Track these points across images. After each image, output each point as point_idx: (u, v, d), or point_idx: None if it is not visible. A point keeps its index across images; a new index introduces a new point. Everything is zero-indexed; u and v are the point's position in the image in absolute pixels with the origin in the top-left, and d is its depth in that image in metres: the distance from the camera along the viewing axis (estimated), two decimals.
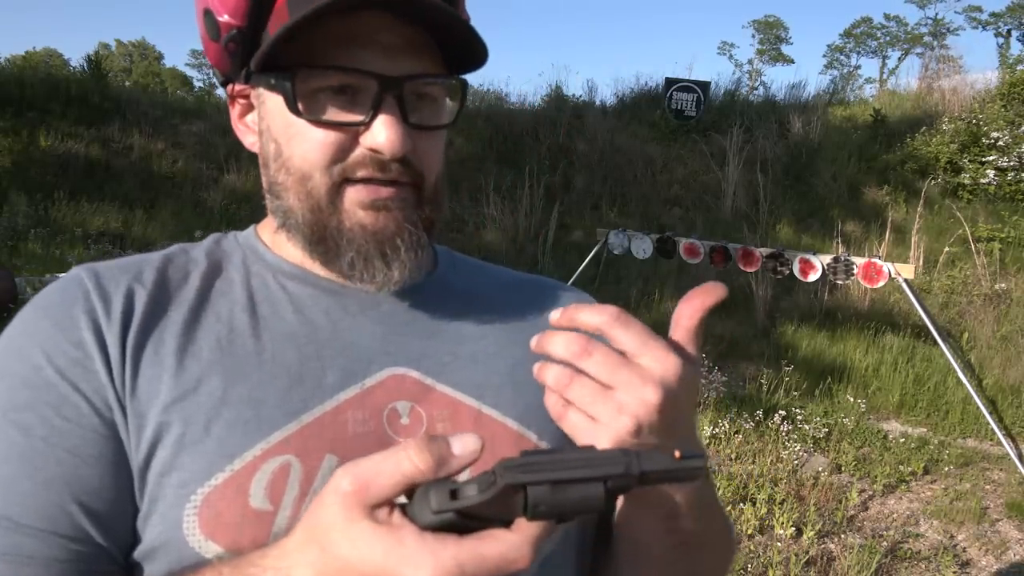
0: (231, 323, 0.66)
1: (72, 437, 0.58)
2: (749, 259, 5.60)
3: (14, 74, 10.45)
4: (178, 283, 0.67)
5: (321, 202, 0.65)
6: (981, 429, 5.37)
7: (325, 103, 0.63)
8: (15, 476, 0.56)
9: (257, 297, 0.68)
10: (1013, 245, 8.23)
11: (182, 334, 0.63)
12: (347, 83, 0.62)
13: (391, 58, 0.62)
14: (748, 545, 3.64)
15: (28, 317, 0.63)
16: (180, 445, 0.59)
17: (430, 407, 0.67)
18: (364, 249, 0.65)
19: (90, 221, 7.90)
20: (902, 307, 7.18)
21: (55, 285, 0.65)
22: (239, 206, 8.64)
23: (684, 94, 10.48)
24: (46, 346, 0.60)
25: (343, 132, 0.63)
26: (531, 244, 8.37)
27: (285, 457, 0.60)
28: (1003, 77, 10.74)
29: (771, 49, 48.30)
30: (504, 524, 0.44)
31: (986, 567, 3.75)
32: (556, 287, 0.83)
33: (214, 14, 0.65)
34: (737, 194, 9.14)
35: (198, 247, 0.73)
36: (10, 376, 0.60)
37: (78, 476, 0.57)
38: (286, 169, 0.66)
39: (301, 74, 0.61)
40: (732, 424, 4.84)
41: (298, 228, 0.67)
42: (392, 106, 0.62)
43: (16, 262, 6.71)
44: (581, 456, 0.43)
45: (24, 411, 0.58)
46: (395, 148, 0.62)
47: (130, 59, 47.68)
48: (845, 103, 12.19)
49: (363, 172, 0.64)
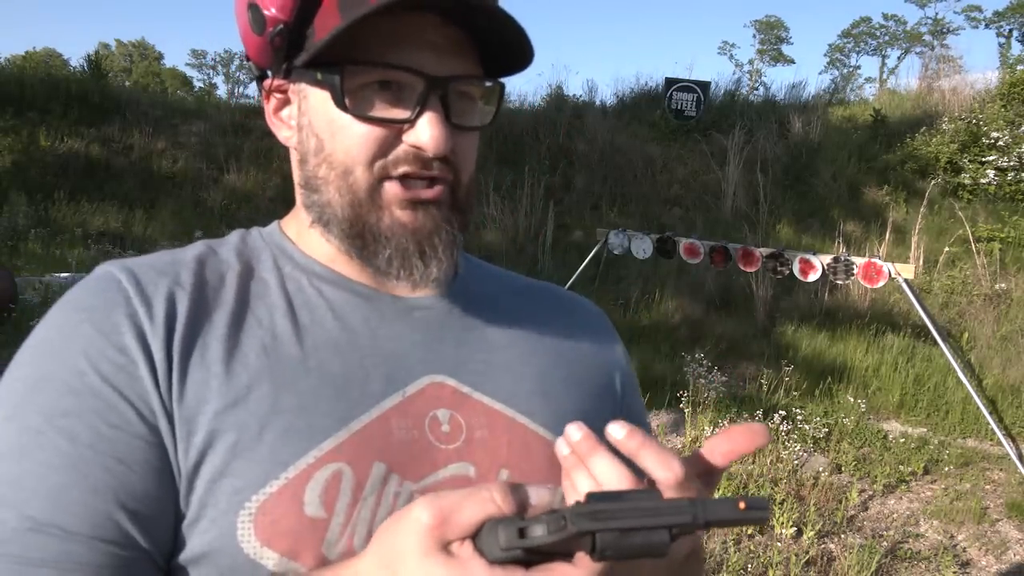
0: (273, 329, 0.66)
1: (118, 444, 0.58)
2: (749, 259, 5.60)
3: (14, 74, 10.46)
4: (215, 285, 0.67)
5: (361, 197, 0.65)
6: (981, 429, 5.37)
7: (371, 99, 0.63)
8: (64, 484, 0.56)
9: (295, 302, 0.68)
10: (1013, 245, 8.23)
11: (227, 339, 0.64)
12: (393, 80, 0.63)
13: (437, 58, 0.63)
14: (748, 545, 3.64)
15: (66, 319, 0.63)
16: (233, 452, 0.60)
17: (468, 415, 0.68)
18: (403, 246, 0.65)
19: (90, 221, 7.90)
20: (902, 307, 7.18)
21: (90, 286, 0.64)
22: (239, 206, 8.65)
23: (684, 94, 10.48)
24: (89, 352, 0.60)
25: (387, 128, 0.64)
26: (531, 244, 8.37)
27: (337, 465, 0.61)
28: (1003, 77, 10.74)
29: (772, 49, 48.31)
30: (566, 557, 0.47)
31: (986, 567, 3.75)
32: (567, 295, 0.86)
33: (260, 8, 0.65)
34: (737, 194, 9.14)
35: (226, 245, 0.72)
36: (53, 381, 0.59)
37: (124, 483, 0.57)
38: (328, 163, 0.66)
39: (349, 70, 0.62)
40: (732, 424, 4.84)
41: (336, 222, 0.67)
42: (436, 105, 0.63)
43: (16, 262, 6.72)
44: (649, 505, 0.45)
45: (70, 418, 0.58)
46: (439, 146, 0.63)
47: (130, 59, 47.69)
48: (845, 103, 12.19)
49: (404, 168, 0.65)
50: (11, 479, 0.56)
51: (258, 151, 9.31)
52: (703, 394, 5.07)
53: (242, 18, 0.69)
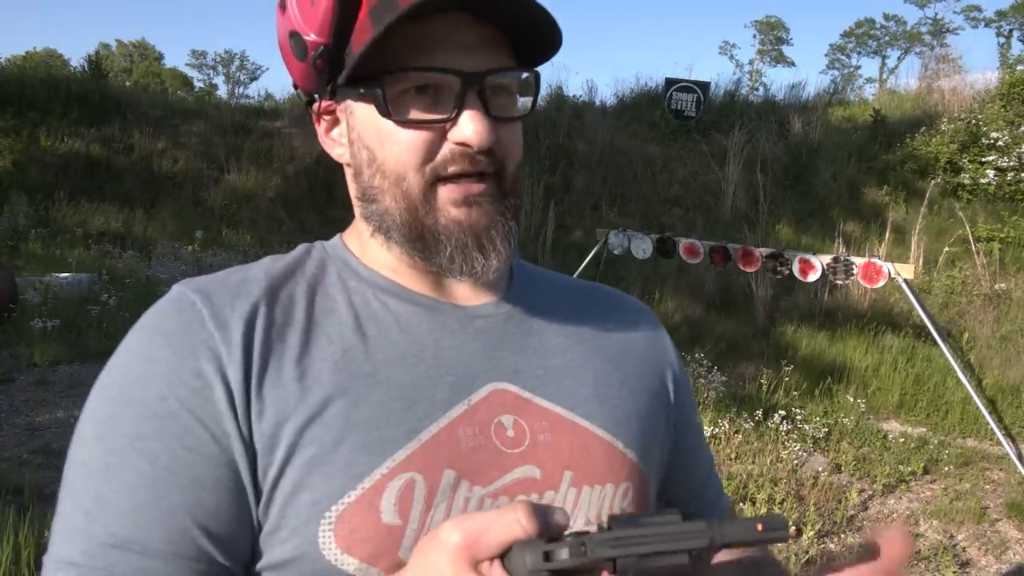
0: (343, 344, 0.68)
1: (194, 466, 0.62)
2: (749, 259, 5.61)
3: (14, 74, 10.47)
4: (286, 304, 0.70)
5: (416, 201, 0.68)
6: (981, 429, 5.37)
7: (411, 104, 0.66)
8: (143, 504, 0.60)
9: (362, 316, 0.71)
10: (1013, 245, 8.23)
11: (300, 357, 0.66)
12: (431, 83, 0.66)
13: (470, 55, 0.65)
14: None
15: (145, 343, 0.66)
16: (311, 466, 0.63)
17: (531, 419, 0.71)
18: (462, 243, 0.68)
19: (90, 221, 7.91)
20: (902, 307, 7.18)
21: (167, 308, 0.68)
22: (239, 206, 8.65)
23: (684, 94, 10.49)
24: (168, 376, 0.63)
25: (431, 131, 0.66)
26: (531, 244, 8.37)
27: (409, 474, 0.64)
28: (1003, 77, 10.74)
29: (772, 50, 48.31)
30: (590, 575, 0.49)
31: (986, 567, 3.76)
32: (614, 294, 0.89)
33: (301, 35, 0.68)
34: (737, 194, 9.14)
35: (293, 263, 0.75)
36: (136, 406, 0.63)
37: (200, 502, 0.61)
38: (381, 173, 0.69)
39: (388, 79, 0.65)
40: (732, 424, 4.84)
41: (396, 228, 0.69)
42: (475, 100, 0.65)
43: (16, 262, 6.72)
44: (668, 531, 0.49)
45: (149, 441, 0.62)
46: (483, 140, 0.65)
47: (130, 59, 47.69)
48: (845, 103, 12.19)
49: (454, 168, 0.67)
50: (97, 496, 0.61)
51: (258, 151, 9.31)
52: (703, 394, 5.07)
53: (285, 48, 0.72)
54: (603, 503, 0.71)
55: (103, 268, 6.98)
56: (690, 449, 0.86)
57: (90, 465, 0.62)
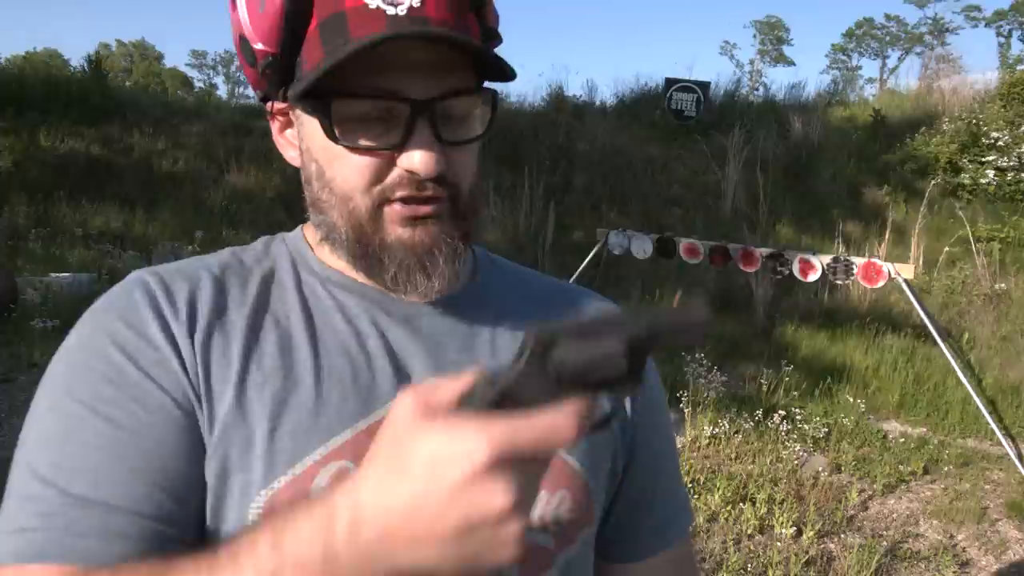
0: (289, 331, 0.69)
1: (156, 429, 0.62)
2: (749, 259, 5.61)
3: (14, 74, 10.47)
4: (237, 287, 0.71)
5: (363, 221, 0.68)
6: (981, 429, 5.37)
7: (361, 128, 0.65)
8: (105, 463, 0.60)
9: (310, 305, 0.72)
10: (1013, 245, 8.23)
11: (245, 338, 0.67)
12: (378, 107, 0.65)
13: (423, 79, 0.64)
14: (748, 545, 3.64)
15: (99, 319, 0.67)
16: (245, 448, 0.63)
17: None
18: (406, 263, 0.68)
19: (90, 221, 7.90)
20: (902, 307, 7.18)
21: (120, 289, 0.69)
22: (239, 206, 8.64)
23: (684, 94, 10.48)
24: (124, 347, 0.64)
25: (379, 156, 0.66)
26: (531, 244, 8.37)
27: (342, 462, 0.64)
28: (1003, 77, 10.74)
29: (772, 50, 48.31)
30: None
31: (986, 567, 3.75)
32: (583, 295, 0.86)
33: (249, 42, 0.68)
34: (737, 194, 9.14)
35: (250, 252, 0.76)
36: (92, 372, 0.63)
37: (164, 465, 0.61)
38: (329, 189, 0.69)
39: (336, 103, 0.64)
40: (732, 424, 4.84)
41: (342, 244, 0.70)
42: (425, 128, 0.64)
43: (16, 262, 6.71)
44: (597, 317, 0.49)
45: (110, 405, 0.62)
46: (430, 169, 0.64)
47: (130, 59, 47.69)
48: (845, 103, 12.19)
49: (401, 192, 0.66)
50: (54, 461, 0.60)
51: (258, 151, 9.30)
52: (703, 394, 5.07)
53: (238, 50, 0.71)
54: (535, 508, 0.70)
55: (103, 268, 6.97)
56: (645, 468, 0.82)
57: (46, 434, 0.62)
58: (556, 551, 0.71)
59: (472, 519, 0.45)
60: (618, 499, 0.81)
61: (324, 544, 0.47)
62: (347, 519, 0.47)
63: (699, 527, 3.73)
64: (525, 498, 0.47)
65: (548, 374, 0.48)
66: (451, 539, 0.45)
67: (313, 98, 0.64)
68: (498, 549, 0.46)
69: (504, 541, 0.46)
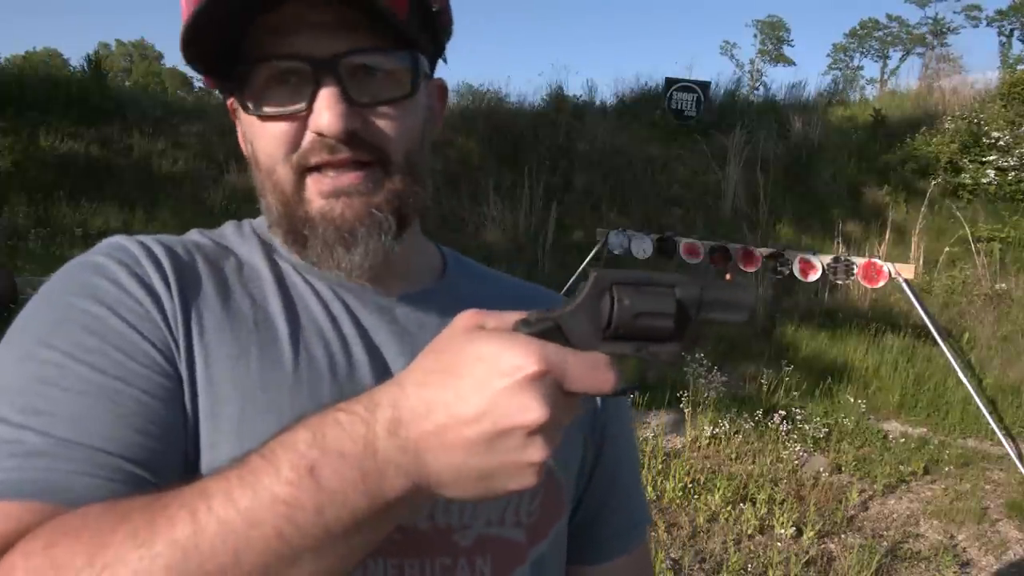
0: (265, 309, 0.67)
1: (146, 381, 0.59)
2: (749, 259, 5.61)
3: (14, 74, 10.46)
4: (213, 263, 0.69)
5: (288, 193, 0.66)
6: (981, 429, 5.37)
7: (271, 96, 0.64)
8: (91, 408, 0.57)
9: (285, 288, 0.70)
10: (1013, 245, 8.23)
11: (219, 311, 0.65)
12: (284, 71, 0.63)
13: (326, 38, 0.62)
14: (748, 545, 3.64)
15: (74, 275, 0.64)
16: (214, 423, 0.61)
17: None
18: (326, 236, 0.66)
19: (90, 221, 7.89)
20: (902, 307, 7.17)
21: (99, 248, 0.67)
22: (239, 206, 8.63)
23: (684, 94, 10.48)
24: (107, 300, 0.62)
25: (292, 121, 0.64)
26: (531, 244, 8.36)
27: None
28: (1004, 77, 10.73)
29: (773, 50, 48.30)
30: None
31: (986, 567, 3.75)
32: (551, 297, 0.86)
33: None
34: (737, 194, 9.14)
35: (220, 235, 0.75)
36: (70, 323, 0.60)
37: (151, 414, 0.58)
38: (257, 166, 0.68)
39: (241, 72, 0.63)
40: (732, 424, 4.84)
41: (275, 221, 0.69)
42: (330, 86, 0.62)
43: (16, 262, 6.71)
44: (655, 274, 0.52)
45: (93, 354, 0.59)
46: (335, 128, 0.62)
47: (130, 59, 47.66)
48: (846, 103, 12.19)
49: (316, 158, 0.64)
50: (29, 405, 0.56)
51: None
52: (703, 394, 5.07)
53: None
54: (508, 504, 0.69)
55: None
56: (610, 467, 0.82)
57: (16, 382, 0.57)
58: (528, 546, 0.70)
59: (503, 427, 0.46)
60: (584, 496, 0.81)
61: (365, 438, 0.47)
62: (388, 415, 0.47)
63: (699, 527, 3.73)
64: (556, 426, 0.47)
65: (599, 318, 0.49)
66: (478, 447, 0.46)
67: (226, 78, 0.64)
68: (518, 470, 0.47)
69: (525, 462, 0.47)
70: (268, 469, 0.47)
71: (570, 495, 0.77)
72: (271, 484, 0.46)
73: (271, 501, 0.46)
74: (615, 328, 0.49)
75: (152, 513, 0.47)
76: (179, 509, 0.47)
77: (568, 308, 0.50)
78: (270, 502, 0.46)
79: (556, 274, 6.98)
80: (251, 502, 0.46)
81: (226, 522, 0.46)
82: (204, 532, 0.46)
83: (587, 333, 0.50)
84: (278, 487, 0.46)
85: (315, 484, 0.46)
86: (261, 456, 0.48)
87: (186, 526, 0.46)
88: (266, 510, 0.46)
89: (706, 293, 0.51)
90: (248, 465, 0.48)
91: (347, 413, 0.48)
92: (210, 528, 0.46)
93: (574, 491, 0.78)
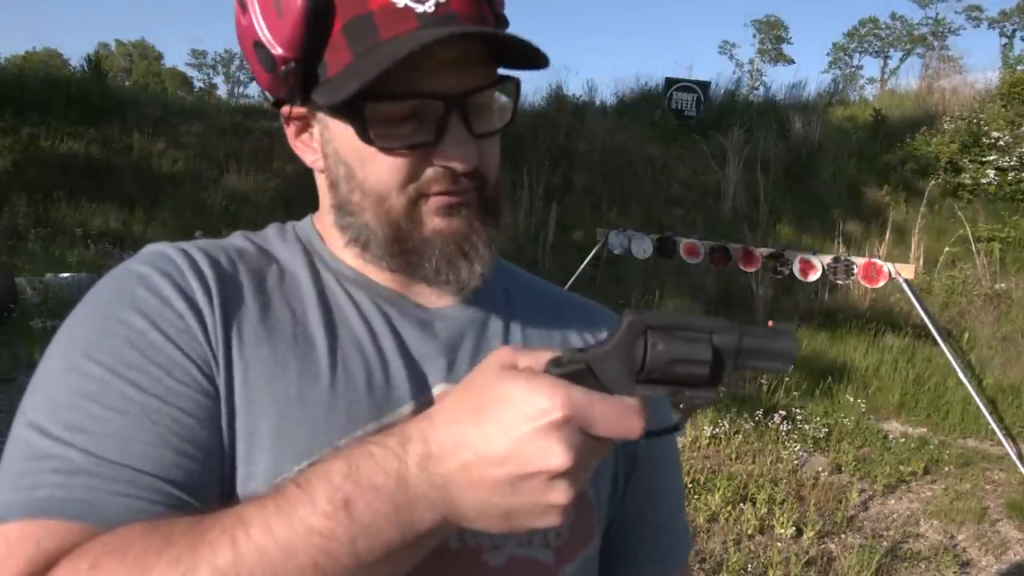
0: (305, 324, 0.68)
1: (185, 399, 0.60)
2: (749, 259, 5.61)
3: (14, 74, 10.46)
4: (254, 274, 0.69)
5: (400, 220, 0.67)
6: (981, 429, 5.37)
7: (393, 128, 0.64)
8: (133, 427, 0.57)
9: (325, 299, 0.70)
10: (1013, 245, 8.23)
11: (259, 324, 0.66)
12: (413, 106, 0.64)
13: (452, 74, 0.63)
14: (748, 545, 3.64)
15: (118, 284, 0.65)
16: (250, 438, 0.61)
17: None
18: (447, 251, 0.68)
19: (90, 221, 7.89)
20: (902, 307, 7.17)
21: (141, 258, 0.67)
22: (239, 206, 8.64)
23: (684, 94, 10.48)
24: (148, 313, 0.62)
25: (414, 151, 0.65)
26: (531, 244, 8.37)
27: None
28: (1004, 77, 10.74)
29: (772, 49, 48.29)
30: None
31: (986, 567, 3.75)
32: (592, 308, 0.85)
33: (267, 47, 0.65)
34: (737, 194, 9.14)
35: (264, 239, 0.75)
36: (113, 335, 0.61)
37: (190, 434, 0.59)
38: (361, 191, 0.67)
39: (369, 106, 0.62)
40: (732, 424, 4.84)
41: (377, 243, 0.69)
42: (458, 123, 0.64)
43: (16, 262, 6.71)
44: (693, 318, 0.51)
45: (134, 370, 0.59)
46: (468, 164, 0.65)
47: (130, 59, 47.67)
48: (846, 103, 12.19)
49: (437, 188, 0.66)
50: (73, 422, 0.57)
51: (258, 151, 9.30)
52: None
53: (251, 56, 0.69)
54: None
55: (103, 268, 6.96)
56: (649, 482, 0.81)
57: (61, 395, 0.58)
58: (556, 567, 0.70)
59: (527, 470, 0.47)
60: (618, 516, 0.79)
61: (397, 472, 0.49)
62: (419, 451, 0.49)
63: (699, 527, 3.73)
64: (580, 470, 0.48)
65: (632, 361, 0.49)
66: (502, 487, 0.48)
67: (343, 103, 0.62)
68: (541, 511, 0.49)
69: (549, 504, 0.48)
70: (304, 499, 0.49)
71: (602, 516, 0.76)
72: (307, 515, 0.48)
73: (307, 532, 0.48)
74: (648, 373, 0.50)
75: (193, 539, 0.49)
76: (220, 534, 0.49)
77: (601, 350, 0.50)
78: (306, 533, 0.48)
79: (556, 274, 6.97)
80: (288, 532, 0.48)
81: (264, 551, 0.48)
82: (244, 560, 0.48)
83: (620, 376, 0.50)
84: (314, 519, 0.48)
85: (349, 517, 0.48)
86: (297, 486, 0.50)
87: (227, 553, 0.48)
88: (302, 541, 0.48)
89: (745, 341, 0.50)
90: (285, 495, 0.50)
91: (380, 447, 0.50)
92: (250, 557, 0.48)
93: (606, 512, 0.77)
